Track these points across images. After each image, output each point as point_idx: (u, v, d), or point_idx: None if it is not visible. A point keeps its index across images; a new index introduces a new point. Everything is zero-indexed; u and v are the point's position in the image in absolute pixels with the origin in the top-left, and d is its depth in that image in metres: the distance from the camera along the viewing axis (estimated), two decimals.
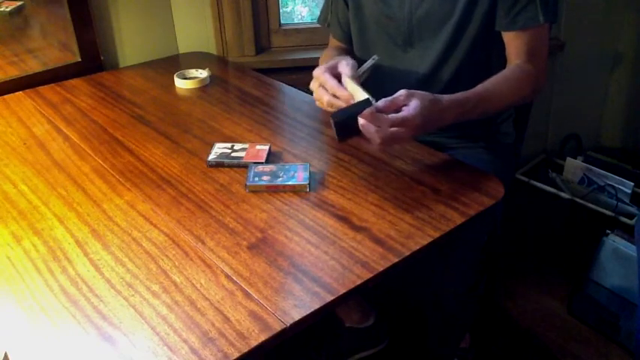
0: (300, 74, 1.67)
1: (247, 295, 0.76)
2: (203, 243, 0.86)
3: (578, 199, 1.69)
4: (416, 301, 1.56)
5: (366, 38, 1.29)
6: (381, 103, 0.94)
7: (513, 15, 1.11)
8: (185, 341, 0.69)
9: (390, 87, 1.27)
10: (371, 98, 0.94)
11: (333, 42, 1.42)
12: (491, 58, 1.22)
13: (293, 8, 2.08)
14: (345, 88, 1.00)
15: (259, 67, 1.66)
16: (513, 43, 1.14)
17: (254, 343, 0.68)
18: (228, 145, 1.12)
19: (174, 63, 1.65)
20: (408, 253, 0.83)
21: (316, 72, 1.06)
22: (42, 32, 1.66)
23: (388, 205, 0.94)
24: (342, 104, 1.00)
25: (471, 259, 1.24)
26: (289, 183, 0.98)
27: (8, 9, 1.56)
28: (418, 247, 0.84)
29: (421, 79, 1.22)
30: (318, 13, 1.45)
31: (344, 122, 0.94)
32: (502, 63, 1.19)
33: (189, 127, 1.24)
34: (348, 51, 1.38)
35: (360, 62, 1.33)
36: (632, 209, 1.63)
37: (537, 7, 1.10)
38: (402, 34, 1.22)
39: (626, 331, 1.52)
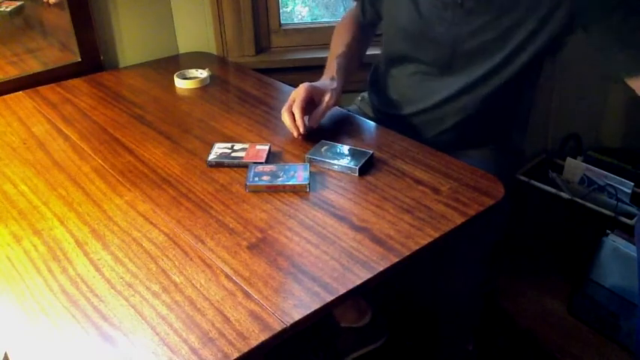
0: (300, 74, 1.66)
1: (247, 295, 0.76)
2: (203, 243, 0.86)
3: (578, 199, 1.69)
4: (424, 299, 1.55)
5: (394, 52, 1.24)
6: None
7: None
8: (185, 341, 0.69)
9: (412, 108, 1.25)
10: None
11: (356, 12, 1.35)
12: (524, 87, 1.21)
13: (293, 8, 2.08)
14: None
15: (259, 67, 1.66)
16: None
17: (254, 343, 0.68)
18: (228, 145, 1.12)
19: (174, 63, 1.65)
20: (408, 253, 0.83)
21: (295, 109, 1.12)
22: (42, 32, 1.66)
23: (388, 205, 0.94)
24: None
25: (477, 258, 1.24)
26: (289, 183, 0.98)
27: (8, 9, 1.56)
28: (418, 247, 0.84)
29: (440, 104, 1.20)
30: (318, 13, 1.44)
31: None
32: (532, 90, 1.21)
33: (189, 127, 1.24)
34: (367, 29, 1.35)
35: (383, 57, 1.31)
36: (632, 209, 1.63)
37: None
38: (442, 59, 1.15)
39: (626, 331, 1.52)
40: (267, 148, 1.10)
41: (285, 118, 1.13)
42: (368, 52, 1.40)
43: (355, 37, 1.31)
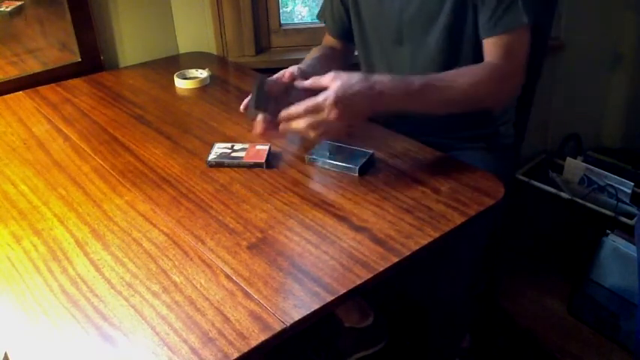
0: None
1: (247, 295, 0.76)
2: (203, 243, 0.86)
3: (578, 199, 1.69)
4: (416, 300, 1.56)
5: (363, 33, 1.30)
6: (307, 82, 0.98)
7: (496, 19, 1.07)
8: (185, 341, 0.69)
9: None
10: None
11: (327, 39, 1.42)
12: None
13: (293, 8, 2.08)
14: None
15: (259, 67, 1.66)
16: (492, 47, 1.09)
17: (254, 343, 0.68)
18: (228, 145, 1.12)
19: (175, 63, 1.65)
20: (408, 253, 0.83)
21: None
22: (42, 32, 1.66)
23: (388, 205, 0.94)
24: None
25: (472, 258, 1.24)
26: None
27: (8, 9, 1.56)
28: (418, 247, 0.84)
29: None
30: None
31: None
32: None
33: (189, 127, 1.24)
34: (339, 48, 1.38)
35: (362, 58, 1.33)
36: (632, 209, 1.63)
37: (520, 8, 1.06)
38: (392, 31, 1.21)
39: (626, 331, 1.52)
40: (267, 148, 1.10)
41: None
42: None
43: (327, 55, 1.34)
